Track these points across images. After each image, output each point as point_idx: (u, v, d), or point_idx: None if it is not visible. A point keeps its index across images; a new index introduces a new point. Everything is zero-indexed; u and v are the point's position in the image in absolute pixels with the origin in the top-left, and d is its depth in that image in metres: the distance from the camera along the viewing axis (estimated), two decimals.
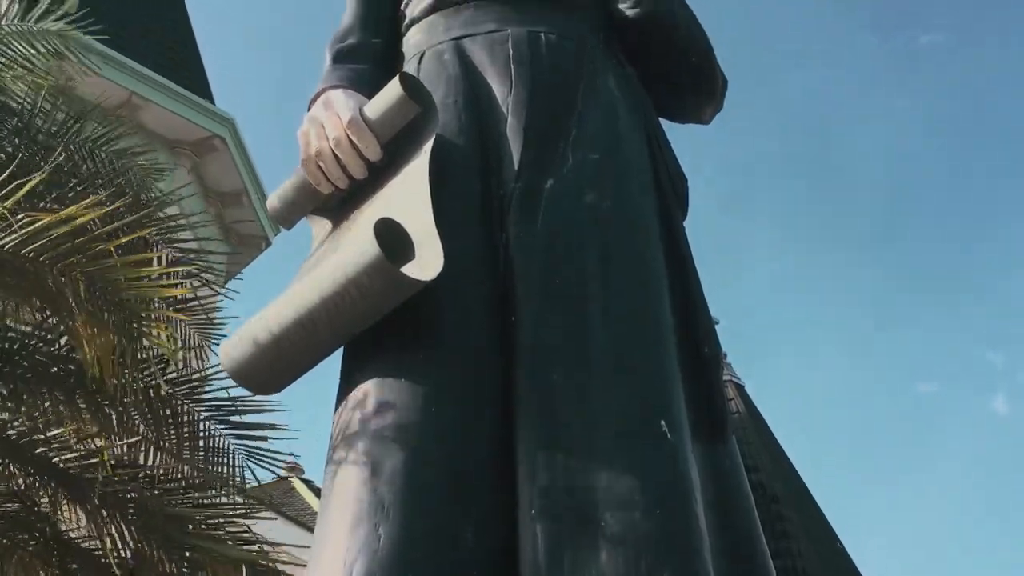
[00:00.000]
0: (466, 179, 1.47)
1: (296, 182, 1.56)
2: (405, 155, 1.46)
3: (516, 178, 1.46)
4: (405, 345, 1.33)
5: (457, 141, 1.50)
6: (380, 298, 1.27)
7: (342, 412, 1.33)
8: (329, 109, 1.52)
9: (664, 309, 1.40)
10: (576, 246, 1.40)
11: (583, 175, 1.47)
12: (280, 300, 1.33)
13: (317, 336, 1.31)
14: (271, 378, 1.37)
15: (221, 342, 5.31)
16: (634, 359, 1.31)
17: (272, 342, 1.31)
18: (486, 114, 1.54)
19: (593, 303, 1.34)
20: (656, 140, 1.64)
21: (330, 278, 1.27)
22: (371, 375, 1.32)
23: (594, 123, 1.54)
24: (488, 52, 1.61)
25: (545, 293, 1.36)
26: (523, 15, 1.66)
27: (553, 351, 1.31)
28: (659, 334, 1.36)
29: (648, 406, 1.27)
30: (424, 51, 1.67)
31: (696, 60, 1.77)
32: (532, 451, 1.24)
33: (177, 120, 10.43)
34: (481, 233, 1.43)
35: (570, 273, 1.37)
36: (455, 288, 1.34)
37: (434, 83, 1.57)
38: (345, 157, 1.48)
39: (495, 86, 1.57)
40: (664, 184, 1.58)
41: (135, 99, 10.07)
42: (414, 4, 1.76)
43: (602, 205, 1.44)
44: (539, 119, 1.52)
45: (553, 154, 1.49)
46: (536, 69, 1.58)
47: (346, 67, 1.67)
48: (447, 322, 1.34)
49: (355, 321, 1.30)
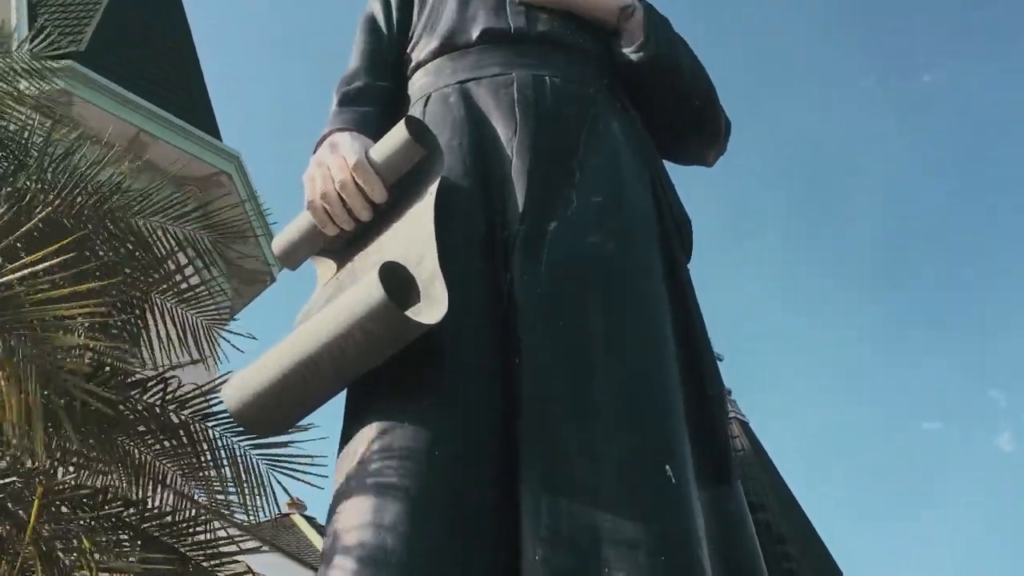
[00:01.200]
0: (470, 222, 1.48)
1: (301, 224, 1.57)
2: (410, 198, 1.47)
3: (520, 220, 1.47)
4: (408, 388, 1.33)
5: (462, 184, 1.51)
6: (384, 341, 1.27)
7: (345, 454, 1.33)
8: (335, 152, 1.53)
9: (668, 353, 1.40)
10: (579, 289, 1.40)
11: (587, 218, 1.48)
12: (283, 343, 1.33)
13: (320, 379, 1.31)
14: (274, 420, 1.37)
15: (224, 366, 5.12)
16: (639, 404, 1.31)
17: (275, 385, 1.31)
18: (491, 157, 1.55)
19: (597, 348, 1.34)
20: (660, 183, 1.65)
21: (334, 321, 1.28)
22: (374, 418, 1.32)
23: (598, 166, 1.55)
24: (493, 95, 1.63)
25: (548, 337, 1.36)
26: (528, 59, 1.68)
27: (557, 395, 1.31)
28: (664, 379, 1.36)
29: (653, 451, 1.27)
30: (430, 94, 1.69)
31: (699, 104, 1.78)
32: (536, 496, 1.24)
33: (184, 156, 10.51)
34: (485, 275, 1.44)
35: (574, 317, 1.37)
36: (458, 331, 1.34)
37: (439, 126, 1.59)
38: (351, 199, 1.49)
39: (500, 129, 1.58)
40: (668, 227, 1.59)
41: (143, 136, 10.16)
42: (420, 48, 1.78)
43: (605, 248, 1.45)
44: (543, 162, 1.53)
45: (557, 197, 1.50)
46: (540, 112, 1.59)
47: (352, 110, 1.68)
48: (450, 365, 1.34)
49: (359, 364, 1.30)
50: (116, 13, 12.01)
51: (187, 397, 4.57)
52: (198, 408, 4.59)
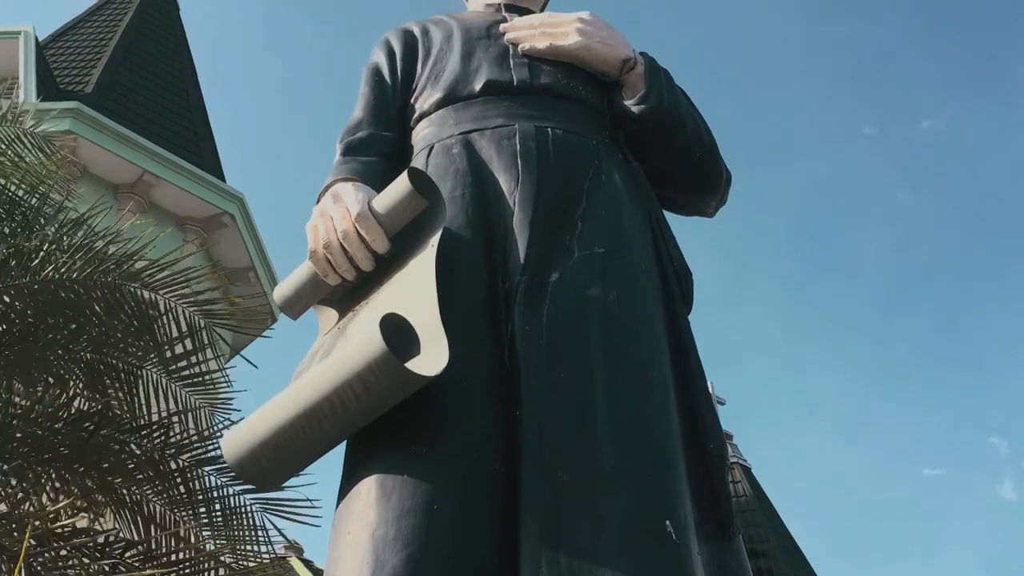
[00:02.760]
0: (472, 272, 1.48)
1: (303, 273, 1.57)
2: (412, 248, 1.48)
3: (522, 271, 1.47)
4: (408, 439, 1.32)
5: (464, 234, 1.52)
6: (385, 393, 1.27)
7: (344, 509, 1.32)
8: (338, 202, 1.54)
9: (669, 406, 1.40)
10: (580, 341, 1.40)
11: (588, 269, 1.48)
12: (283, 394, 1.33)
13: (321, 430, 1.30)
14: (274, 472, 1.36)
15: (224, 409, 5.18)
16: (640, 459, 1.30)
17: (275, 437, 1.31)
18: (493, 208, 1.56)
19: (597, 401, 1.34)
20: (661, 235, 1.65)
21: (335, 372, 1.27)
22: (373, 469, 1.31)
23: (600, 218, 1.55)
24: (496, 146, 1.64)
25: (549, 389, 1.35)
26: (531, 110, 1.69)
27: (558, 450, 1.29)
28: (664, 434, 1.35)
29: (654, 507, 1.25)
30: (433, 144, 1.70)
31: (700, 156, 1.79)
32: (536, 550, 1.22)
33: (188, 197, 10.58)
34: (486, 326, 1.44)
35: (574, 369, 1.37)
36: (459, 382, 1.34)
37: (442, 176, 1.60)
38: (353, 249, 1.49)
39: (502, 180, 1.59)
40: (669, 279, 1.59)
41: (147, 177, 10.22)
42: (424, 98, 1.80)
43: (607, 300, 1.44)
44: (545, 213, 1.54)
45: (559, 248, 1.50)
46: (542, 164, 1.60)
47: (356, 160, 1.69)
48: (450, 416, 1.33)
49: (359, 416, 1.30)
50: (123, 56, 12.15)
51: (186, 443, 4.61)
52: (196, 454, 4.64)
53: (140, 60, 12.32)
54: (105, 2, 13.52)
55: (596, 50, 1.78)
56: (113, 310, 4.70)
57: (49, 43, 12.26)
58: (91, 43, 12.39)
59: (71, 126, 9.70)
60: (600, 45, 1.78)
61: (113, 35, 12.47)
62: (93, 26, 12.86)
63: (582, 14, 1.83)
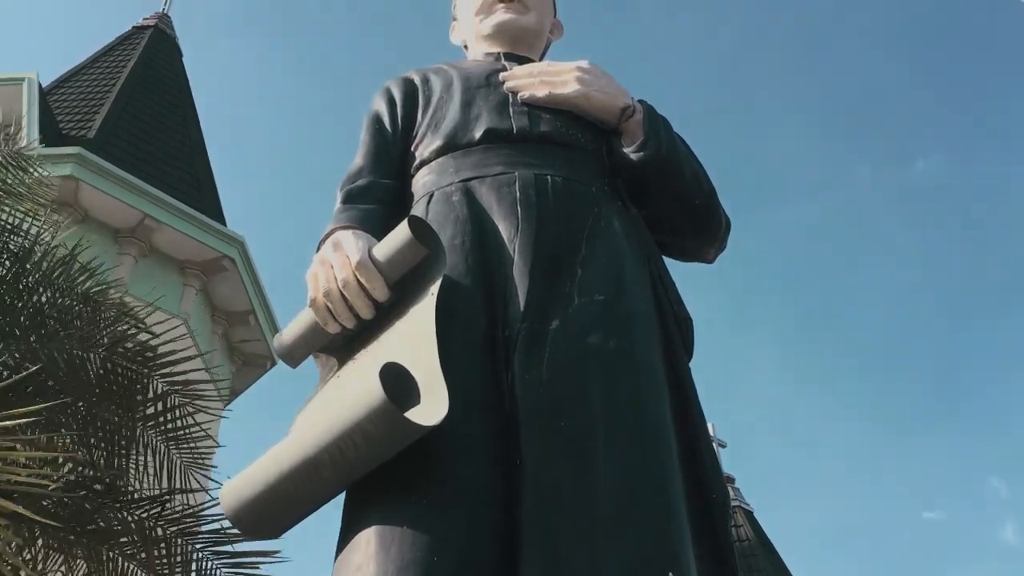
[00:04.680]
0: (472, 320, 1.48)
1: (303, 321, 1.57)
2: (412, 296, 1.48)
3: (521, 319, 1.47)
4: (407, 489, 1.31)
5: (464, 282, 1.52)
6: (384, 444, 1.26)
7: (343, 561, 1.30)
8: (338, 250, 1.54)
9: (671, 456, 1.39)
10: (581, 389, 1.39)
11: (588, 317, 1.48)
12: (282, 444, 1.32)
13: (320, 481, 1.29)
14: (271, 524, 1.34)
15: (209, 470, 5.26)
16: (641, 508, 1.29)
17: (273, 488, 1.29)
18: (493, 255, 1.56)
19: (598, 449, 1.33)
20: (661, 281, 1.65)
21: (334, 422, 1.26)
22: (373, 521, 1.29)
23: (599, 265, 1.56)
24: (496, 194, 1.64)
25: (550, 437, 1.34)
26: (530, 158, 1.70)
27: (559, 499, 1.28)
28: (666, 482, 1.34)
29: (656, 557, 1.24)
30: (433, 192, 1.71)
31: (699, 202, 1.80)
32: None
33: (188, 241, 10.59)
34: (486, 374, 1.43)
35: (575, 417, 1.36)
36: (459, 431, 1.33)
37: (442, 224, 1.60)
38: (353, 298, 1.49)
39: (502, 228, 1.59)
40: (669, 326, 1.59)
41: (148, 221, 10.25)
42: (424, 146, 1.81)
43: (607, 347, 1.44)
44: (545, 261, 1.54)
45: (558, 296, 1.50)
46: (542, 211, 1.60)
47: (356, 207, 1.70)
48: (450, 466, 1.32)
49: (358, 466, 1.29)
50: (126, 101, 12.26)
51: (176, 516, 4.67)
52: (186, 526, 4.70)
53: (143, 105, 12.42)
54: (109, 48, 13.68)
55: (595, 98, 1.79)
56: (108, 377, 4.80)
57: (53, 88, 12.38)
58: (95, 88, 12.50)
59: (73, 171, 9.76)
60: (599, 93, 1.80)
61: (116, 81, 12.59)
62: (97, 72, 13.00)
63: (581, 63, 1.85)
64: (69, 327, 4.75)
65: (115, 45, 13.81)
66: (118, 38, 14.02)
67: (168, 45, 14.20)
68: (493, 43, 2.07)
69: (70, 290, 4.87)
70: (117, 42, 13.91)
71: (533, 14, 2.10)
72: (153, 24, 14.32)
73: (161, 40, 14.11)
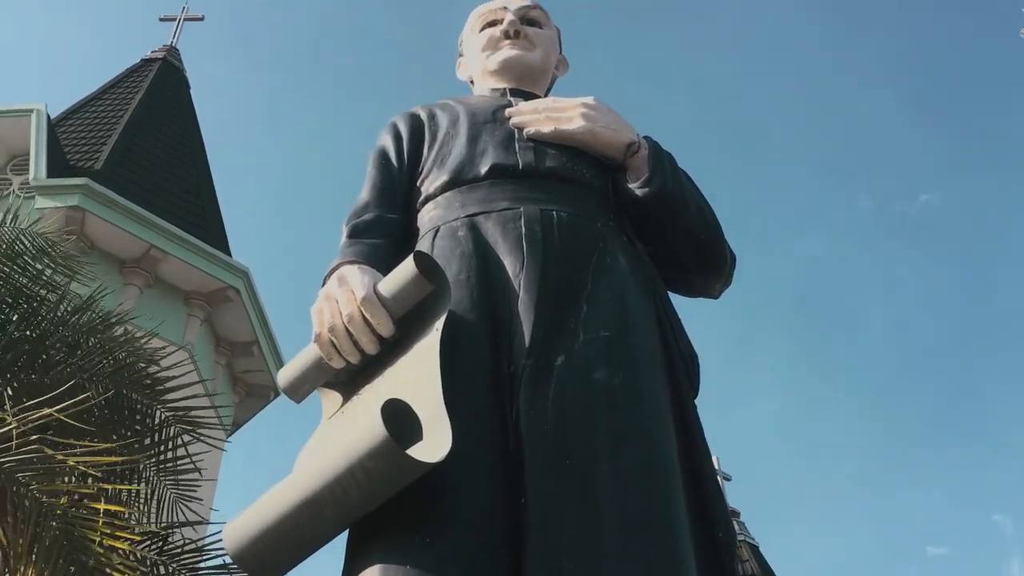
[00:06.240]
0: (477, 355, 1.47)
1: (307, 356, 1.56)
2: (417, 332, 1.47)
3: (527, 355, 1.46)
4: (411, 526, 1.29)
5: (469, 317, 1.51)
6: (387, 481, 1.25)
7: None
8: (343, 285, 1.54)
9: (676, 492, 1.38)
10: (586, 426, 1.38)
11: (593, 353, 1.47)
12: (285, 482, 1.31)
13: (323, 519, 1.28)
14: (275, 563, 1.33)
15: (210, 504, 5.28)
16: (647, 547, 1.28)
17: (277, 526, 1.28)
18: (498, 291, 1.56)
19: (603, 488, 1.32)
20: (666, 317, 1.65)
21: (336, 459, 1.26)
22: (376, 559, 1.28)
23: (605, 301, 1.55)
24: (501, 229, 1.64)
25: (555, 474, 1.33)
26: (536, 194, 1.71)
27: (564, 536, 1.27)
28: (672, 522, 1.33)
29: None
30: (439, 227, 1.71)
31: (704, 238, 1.80)
32: None
33: (193, 271, 10.62)
34: (491, 409, 1.42)
35: (580, 454, 1.35)
36: (462, 467, 1.32)
37: (448, 259, 1.60)
38: (358, 333, 1.49)
39: (507, 263, 1.59)
40: (675, 362, 1.58)
41: (154, 252, 10.28)
42: (430, 181, 1.81)
43: (612, 384, 1.43)
44: (550, 296, 1.53)
45: (564, 331, 1.50)
46: (547, 247, 1.60)
47: (362, 242, 1.70)
48: (453, 503, 1.31)
49: (362, 503, 1.28)
50: (133, 133, 12.34)
51: (178, 551, 4.67)
52: (190, 561, 4.70)
53: (150, 137, 12.50)
54: (118, 81, 13.79)
55: (600, 134, 1.80)
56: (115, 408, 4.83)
57: (61, 120, 12.47)
58: (102, 120, 12.59)
59: (79, 202, 9.81)
60: (604, 130, 1.80)
61: (124, 113, 12.68)
62: (105, 104, 13.10)
63: (586, 99, 1.86)
64: (72, 356, 4.76)
65: (123, 77, 13.93)
66: (127, 70, 14.15)
67: (176, 78, 14.32)
68: (499, 79, 2.09)
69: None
70: (125, 74, 14.03)
71: (539, 50, 2.11)
72: (161, 57, 14.45)
73: (169, 73, 14.23)
